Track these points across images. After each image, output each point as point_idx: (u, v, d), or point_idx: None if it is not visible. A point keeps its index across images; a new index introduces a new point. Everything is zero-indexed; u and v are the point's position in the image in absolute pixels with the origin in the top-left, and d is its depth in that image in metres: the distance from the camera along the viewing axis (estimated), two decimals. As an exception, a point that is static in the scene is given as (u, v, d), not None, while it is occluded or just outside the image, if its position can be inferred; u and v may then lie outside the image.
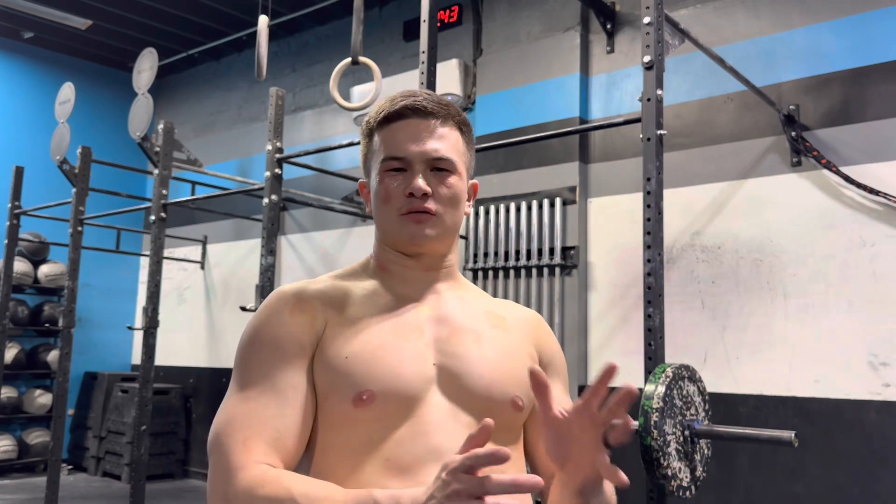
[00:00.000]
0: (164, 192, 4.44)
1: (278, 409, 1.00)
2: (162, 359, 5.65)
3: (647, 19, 2.38)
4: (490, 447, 0.79)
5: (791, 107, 3.62)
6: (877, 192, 3.33)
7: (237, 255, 6.31)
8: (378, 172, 1.08)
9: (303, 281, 1.13)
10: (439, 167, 1.07)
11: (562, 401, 1.13)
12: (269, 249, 3.67)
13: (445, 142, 1.08)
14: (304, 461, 1.07)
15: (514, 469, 1.06)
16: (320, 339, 1.04)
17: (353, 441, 1.00)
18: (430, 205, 1.06)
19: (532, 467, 1.16)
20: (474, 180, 1.18)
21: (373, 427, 1.00)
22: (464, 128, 1.13)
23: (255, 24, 4.06)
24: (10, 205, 5.49)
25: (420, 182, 1.05)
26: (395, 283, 1.11)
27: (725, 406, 3.58)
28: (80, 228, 4.85)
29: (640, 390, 2.11)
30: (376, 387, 0.99)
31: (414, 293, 1.11)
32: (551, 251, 4.22)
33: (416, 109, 1.07)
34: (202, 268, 6.61)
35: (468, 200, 1.15)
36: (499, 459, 0.77)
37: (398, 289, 1.11)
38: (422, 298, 1.10)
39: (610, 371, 0.90)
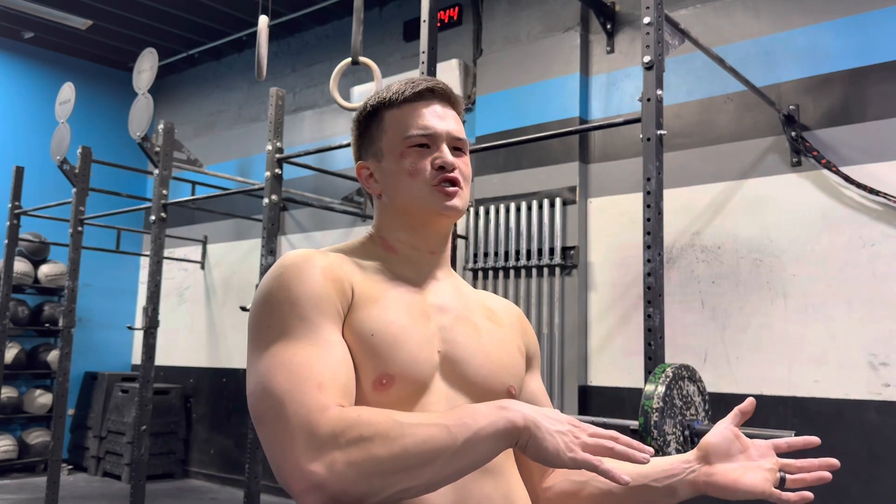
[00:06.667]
0: (164, 192, 4.44)
1: (337, 357, 0.95)
2: (162, 359, 5.66)
3: (647, 19, 2.38)
4: (634, 442, 0.90)
5: (791, 107, 3.62)
6: (877, 192, 3.33)
7: (237, 255, 6.31)
8: (401, 149, 1.10)
9: (312, 249, 1.09)
10: (457, 147, 1.12)
11: (540, 389, 1.22)
12: (269, 249, 3.67)
13: (459, 125, 1.15)
14: None
15: (506, 455, 1.06)
16: (350, 307, 1.01)
17: None
18: (459, 175, 1.10)
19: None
20: None
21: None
22: (463, 117, 1.19)
23: (255, 24, 4.06)
24: (10, 205, 5.49)
25: (451, 156, 1.10)
26: (400, 265, 1.12)
27: (725, 406, 3.55)
28: (80, 228, 4.85)
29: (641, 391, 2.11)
30: (396, 370, 0.99)
31: (416, 277, 1.12)
32: (551, 251, 4.22)
33: (436, 92, 1.13)
34: (202, 268, 6.61)
35: None
36: (631, 457, 0.88)
37: (402, 271, 1.11)
38: (423, 284, 1.12)
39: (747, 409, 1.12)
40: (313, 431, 0.85)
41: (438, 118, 1.11)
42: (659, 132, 2.33)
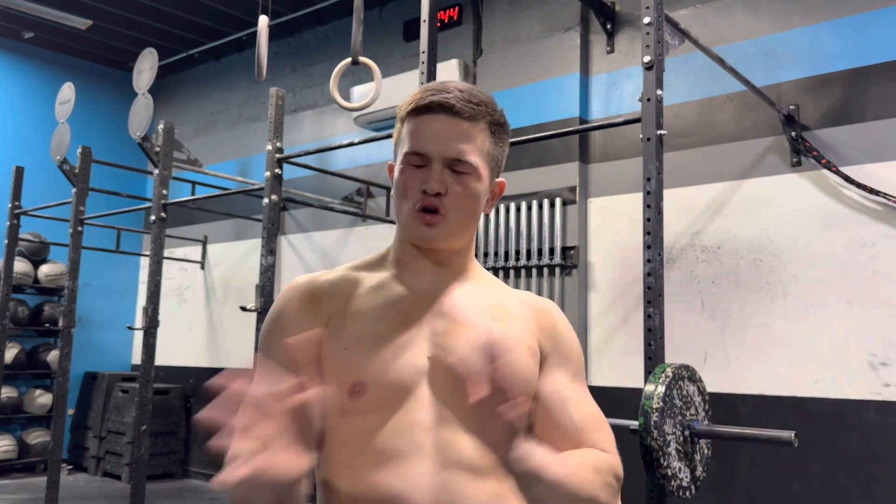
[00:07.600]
0: (164, 192, 4.44)
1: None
2: (162, 359, 5.64)
3: (647, 19, 2.38)
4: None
5: (791, 107, 3.62)
6: (877, 192, 3.33)
7: (237, 255, 6.31)
8: (400, 163, 1.10)
9: (317, 272, 1.16)
10: (459, 169, 1.07)
11: (565, 387, 1.11)
12: (269, 249, 3.67)
13: (470, 143, 1.08)
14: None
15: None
16: (329, 324, 1.07)
17: (349, 432, 1.02)
18: (441, 204, 1.07)
19: None
20: (501, 179, 1.17)
21: (366, 419, 1.02)
22: (495, 128, 1.11)
23: (255, 24, 4.06)
24: (10, 205, 5.49)
25: (434, 184, 1.06)
26: (407, 276, 1.14)
27: (725, 406, 3.58)
28: (80, 228, 4.85)
29: (641, 390, 2.11)
30: (368, 378, 1.02)
31: (422, 286, 1.12)
32: (551, 251, 4.22)
33: (444, 106, 1.07)
34: (202, 268, 6.61)
35: (492, 199, 1.16)
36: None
37: (408, 281, 1.13)
38: (426, 293, 1.12)
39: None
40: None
41: (435, 137, 1.06)
42: (659, 132, 2.33)
